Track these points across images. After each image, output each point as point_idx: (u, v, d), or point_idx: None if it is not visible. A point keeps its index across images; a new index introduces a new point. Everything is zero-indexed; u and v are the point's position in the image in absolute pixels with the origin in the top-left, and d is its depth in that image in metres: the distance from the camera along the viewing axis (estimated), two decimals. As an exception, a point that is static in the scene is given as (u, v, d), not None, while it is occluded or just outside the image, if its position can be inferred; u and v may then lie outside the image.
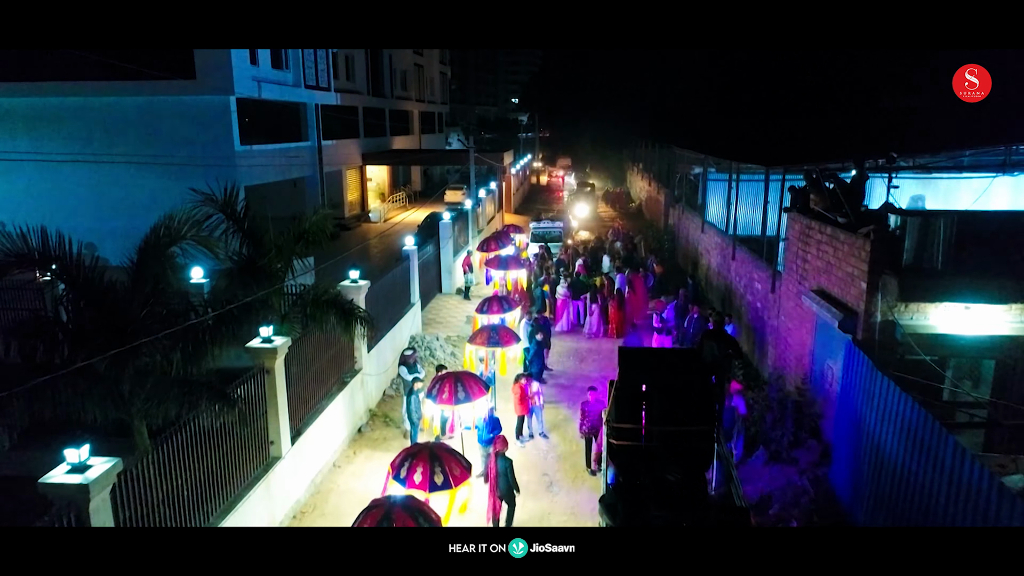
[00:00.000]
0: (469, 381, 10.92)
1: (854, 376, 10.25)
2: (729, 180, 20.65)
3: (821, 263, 11.90)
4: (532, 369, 14.26)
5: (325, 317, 10.80)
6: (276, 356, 9.54)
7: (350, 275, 13.25)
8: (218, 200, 11.06)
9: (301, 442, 10.63)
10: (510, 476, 9.86)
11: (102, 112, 24.80)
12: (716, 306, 19.81)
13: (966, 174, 17.68)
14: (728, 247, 19.08)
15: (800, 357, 12.80)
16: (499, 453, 9.85)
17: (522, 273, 19.57)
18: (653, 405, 8.98)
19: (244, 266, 10.55)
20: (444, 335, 18.21)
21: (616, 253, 24.92)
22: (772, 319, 14.77)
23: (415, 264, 17.96)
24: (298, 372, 10.77)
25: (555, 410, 14.14)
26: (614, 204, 44.55)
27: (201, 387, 7.56)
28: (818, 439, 11.50)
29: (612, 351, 17.96)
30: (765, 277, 15.37)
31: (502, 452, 9.90)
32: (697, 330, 15.77)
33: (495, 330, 13.46)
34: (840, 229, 11.25)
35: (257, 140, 26.94)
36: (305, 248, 11.83)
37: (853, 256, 10.59)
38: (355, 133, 38.66)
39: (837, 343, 11.20)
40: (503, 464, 9.81)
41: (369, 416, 13.71)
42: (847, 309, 10.62)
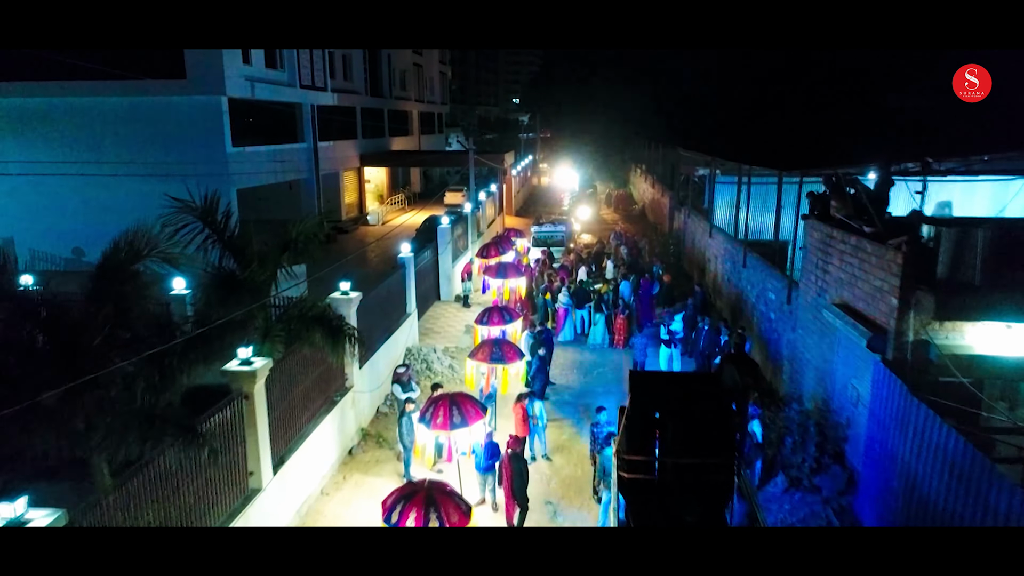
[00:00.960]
0: (465, 404, 10.12)
1: (885, 400, 9.45)
2: (738, 183, 19.86)
3: (844, 275, 11.09)
4: (535, 386, 13.46)
5: (311, 335, 10.00)
6: (255, 380, 8.74)
7: (340, 286, 12.45)
8: (197, 207, 10.29)
9: (284, 470, 9.84)
10: (525, 477, 9.70)
11: (89, 113, 24.02)
12: (725, 315, 19.01)
13: (982, 177, 16.85)
14: (738, 253, 18.27)
15: (820, 374, 11.99)
16: (513, 453, 9.69)
17: (521, 281, 18.73)
18: (668, 435, 8.16)
19: (223, 280, 9.74)
20: (442, 346, 17.41)
21: (621, 258, 24.12)
22: (787, 332, 13.96)
23: (411, 272, 17.16)
24: (281, 394, 9.97)
25: (558, 428, 13.34)
26: (617, 207, 43.70)
27: (166, 422, 6.76)
28: (842, 465, 10.70)
29: (618, 362, 17.22)
30: (780, 287, 14.56)
31: (517, 452, 9.73)
32: (708, 343, 14.98)
33: (498, 345, 12.66)
34: (866, 239, 10.45)
35: (250, 142, 26.14)
36: (293, 257, 11.01)
37: (882, 269, 9.79)
38: (353, 134, 37.85)
39: (863, 362, 10.40)
40: (518, 464, 9.65)
41: (361, 436, 12.92)
42: (875, 326, 9.81)
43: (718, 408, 8.27)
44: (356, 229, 35.47)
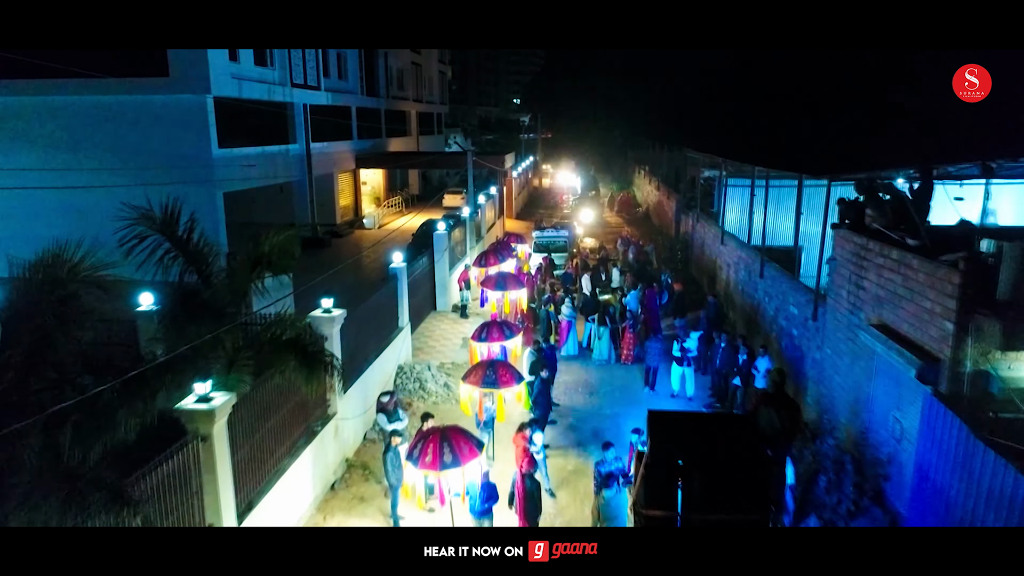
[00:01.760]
0: (458, 440, 8.92)
1: (938, 439, 8.26)
2: (752, 186, 18.66)
3: (884, 292, 9.89)
4: (536, 412, 12.25)
5: (283, 362, 8.80)
6: (214, 420, 7.56)
7: (322, 303, 11.26)
8: (156, 218, 9.10)
9: (253, 517, 8.65)
10: (538, 499, 9.19)
11: (66, 112, 22.81)
12: (740, 328, 17.81)
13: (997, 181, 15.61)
14: (754, 262, 17.06)
15: (854, 402, 10.79)
16: (527, 474, 9.20)
17: (523, 293, 17.51)
18: (692, 486, 6.98)
19: (183, 301, 8.55)
20: (437, 363, 16.22)
21: (627, 265, 22.92)
22: (813, 351, 12.76)
23: (404, 284, 15.95)
24: (249, 430, 8.78)
25: (563, 459, 12.14)
26: (621, 209, 42.43)
27: (91, 485, 5.57)
28: (883, 507, 9.50)
29: (626, 380, 16.00)
30: (803, 301, 13.36)
31: (530, 473, 9.23)
32: (725, 361, 13.76)
33: (492, 367, 11.46)
34: (911, 252, 9.25)
35: (238, 143, 24.93)
36: (263, 272, 9.78)
37: (933, 288, 8.59)
38: (348, 135, 36.63)
39: (909, 392, 9.21)
40: (531, 485, 9.14)
41: (345, 467, 11.73)
42: (925, 353, 8.61)
43: (752, 456, 7.08)
44: (351, 233, 34.30)
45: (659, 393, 14.93)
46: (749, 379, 13.11)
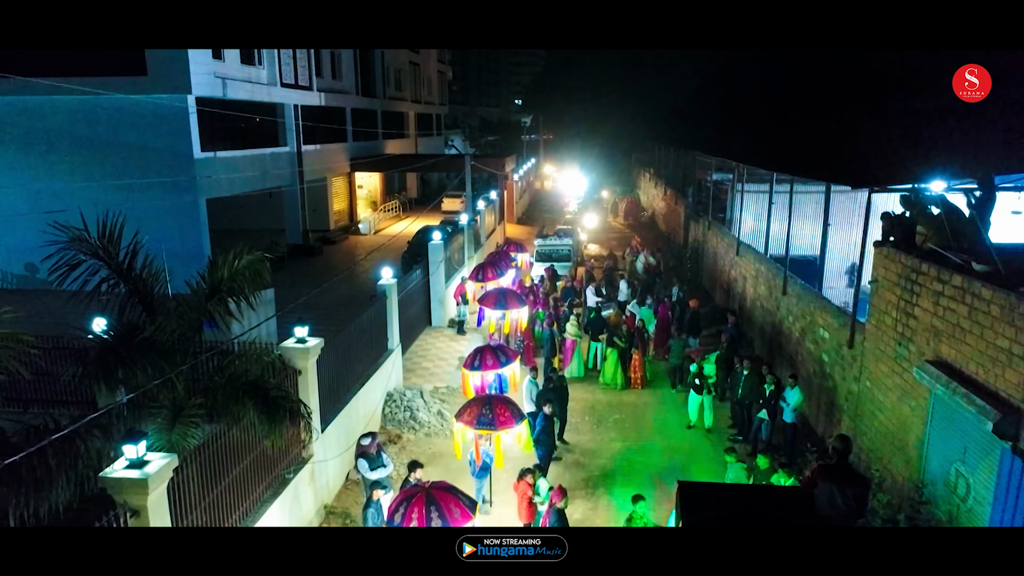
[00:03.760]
0: (447, 501, 7.59)
1: (1018, 501, 6.91)
2: (770, 193, 17.29)
3: (942, 324, 8.52)
4: (538, 452, 10.91)
5: (241, 410, 7.44)
6: (147, 491, 6.19)
7: (295, 332, 9.90)
8: (92, 240, 7.77)
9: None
10: None
11: (39, 113, 21.45)
12: (758, 348, 16.46)
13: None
14: (775, 277, 15.69)
15: (903, 448, 9.42)
16: (555, 507, 8.74)
17: (524, 312, 16.13)
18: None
19: (119, 341, 7.18)
20: (430, 387, 14.88)
21: (636, 276, 21.54)
22: (849, 382, 11.40)
23: (394, 302, 14.57)
24: (201, 492, 7.44)
25: (570, 505, 10.76)
26: (626, 214, 41.00)
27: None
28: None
29: (637, 406, 14.64)
30: (836, 325, 11.99)
31: (558, 506, 8.74)
32: (749, 391, 12.38)
33: (488, 405, 10.10)
34: (978, 279, 7.89)
35: (223, 146, 23.53)
36: (224, 301, 8.39)
37: (1010, 324, 7.22)
38: (342, 137, 35.21)
39: (977, 443, 7.85)
40: (556, 518, 8.65)
41: (324, 515, 10.38)
42: (1001, 402, 7.25)
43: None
44: (345, 239, 32.97)
45: (671, 422, 13.68)
46: (776, 412, 11.79)
